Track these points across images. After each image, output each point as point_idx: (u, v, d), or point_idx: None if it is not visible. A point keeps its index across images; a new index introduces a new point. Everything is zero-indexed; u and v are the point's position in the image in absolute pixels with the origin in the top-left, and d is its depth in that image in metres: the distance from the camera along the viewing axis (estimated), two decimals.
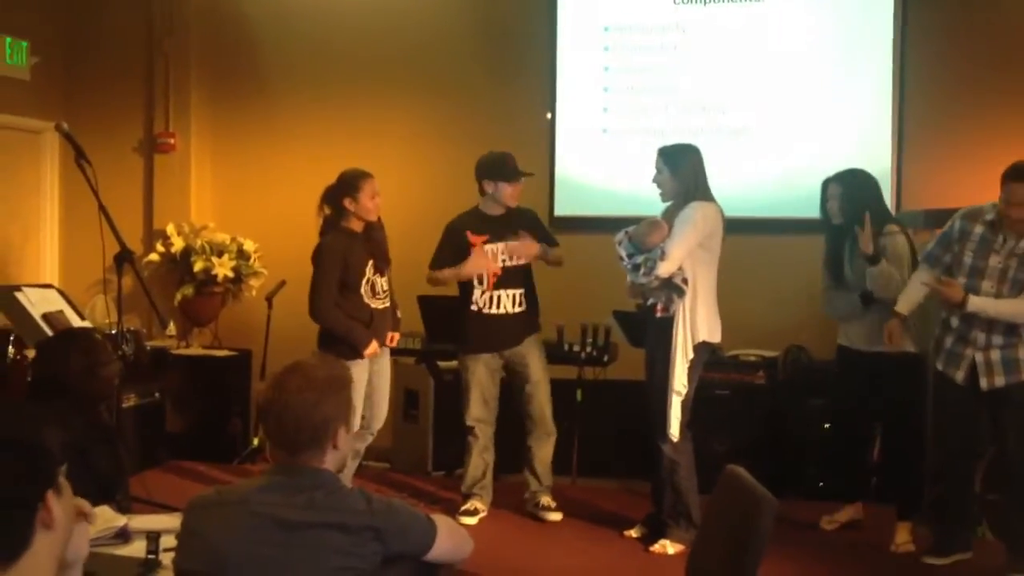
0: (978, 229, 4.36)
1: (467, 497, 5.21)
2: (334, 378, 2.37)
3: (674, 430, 4.58)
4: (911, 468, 4.87)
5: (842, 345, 5.01)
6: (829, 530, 5.05)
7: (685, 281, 4.57)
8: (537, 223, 5.37)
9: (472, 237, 5.16)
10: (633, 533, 4.89)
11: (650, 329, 4.75)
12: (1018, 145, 4.99)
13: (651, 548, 4.67)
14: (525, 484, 5.29)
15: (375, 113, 7.10)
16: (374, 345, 4.90)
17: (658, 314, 4.66)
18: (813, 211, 5.18)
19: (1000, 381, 4.32)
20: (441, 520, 2.50)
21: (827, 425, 5.58)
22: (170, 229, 7.00)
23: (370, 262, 4.93)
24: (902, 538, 4.77)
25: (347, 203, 4.87)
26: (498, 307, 5.16)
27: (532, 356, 5.22)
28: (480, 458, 5.22)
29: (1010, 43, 6.28)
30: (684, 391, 4.58)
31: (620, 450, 5.82)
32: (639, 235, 4.57)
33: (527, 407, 5.22)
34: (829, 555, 4.73)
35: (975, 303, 4.25)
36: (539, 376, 5.21)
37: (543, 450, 5.24)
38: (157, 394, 6.31)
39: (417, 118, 7.07)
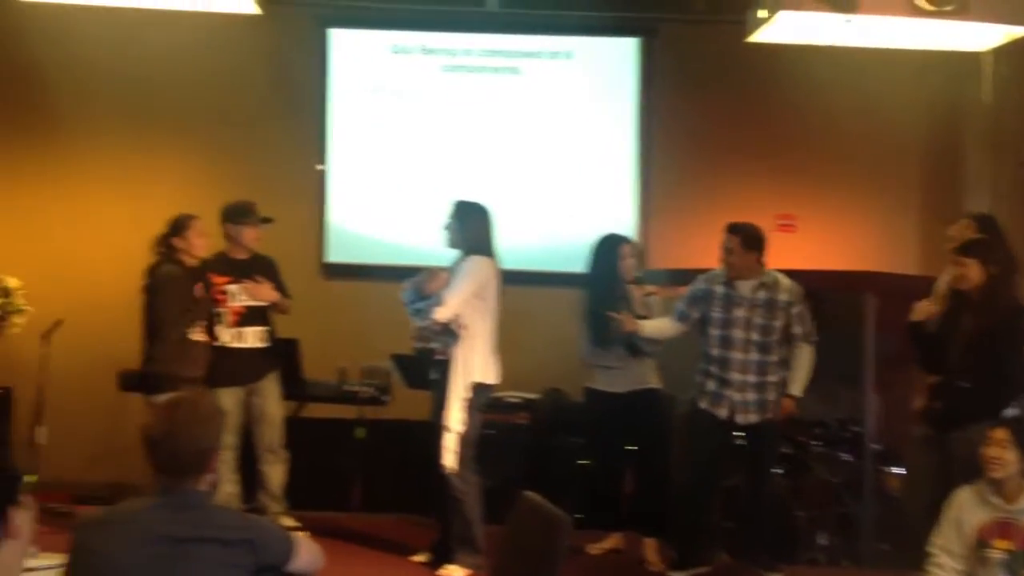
0: (719, 289, 5.10)
1: None
2: (215, 411, 2.70)
3: (448, 461, 4.95)
4: (658, 492, 5.46)
5: (596, 389, 5.50)
6: (595, 555, 5.55)
7: (461, 327, 5.01)
8: (274, 271, 5.70)
9: (215, 278, 5.46)
10: (420, 558, 5.19)
11: (436, 372, 5.13)
12: (746, 214, 5.81)
13: (438, 572, 5.00)
14: (263, 508, 5.54)
15: (147, 161, 7.16)
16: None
17: (438, 357, 5.08)
18: (568, 266, 5.73)
19: (754, 418, 5.04)
20: (298, 536, 2.79)
21: (582, 461, 6.14)
22: None
23: None
24: (651, 556, 5.38)
25: (176, 242, 5.30)
26: (243, 341, 5.50)
27: (271, 390, 5.58)
28: (230, 483, 5.45)
29: (740, 128, 7.26)
30: (461, 428, 4.96)
31: (400, 486, 6.09)
32: (420, 283, 5.02)
33: (263, 437, 5.57)
34: (595, 572, 5.31)
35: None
36: (275, 408, 5.59)
37: (277, 474, 5.60)
38: None
39: (191, 167, 7.19)
